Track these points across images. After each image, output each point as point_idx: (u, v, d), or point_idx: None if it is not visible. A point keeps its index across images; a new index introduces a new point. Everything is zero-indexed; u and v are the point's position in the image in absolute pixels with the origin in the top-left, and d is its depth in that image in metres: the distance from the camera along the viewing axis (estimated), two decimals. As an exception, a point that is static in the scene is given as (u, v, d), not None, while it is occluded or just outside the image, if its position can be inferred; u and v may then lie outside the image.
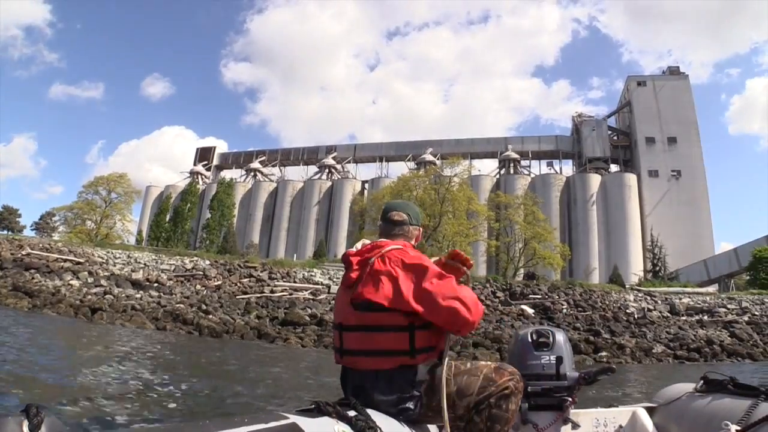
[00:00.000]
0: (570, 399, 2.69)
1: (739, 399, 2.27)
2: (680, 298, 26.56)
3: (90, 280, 24.16)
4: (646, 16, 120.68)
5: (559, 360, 2.75)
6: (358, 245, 2.19)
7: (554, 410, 2.70)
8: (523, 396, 2.46)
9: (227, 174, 68.70)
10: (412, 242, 2.27)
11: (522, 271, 36.84)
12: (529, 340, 2.83)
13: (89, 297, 21.26)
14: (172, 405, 6.02)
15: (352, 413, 1.63)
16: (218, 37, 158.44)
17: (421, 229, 2.39)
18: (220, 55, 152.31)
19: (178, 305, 21.24)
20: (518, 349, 2.87)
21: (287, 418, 1.39)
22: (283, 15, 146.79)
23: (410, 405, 1.94)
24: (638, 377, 13.11)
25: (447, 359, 2.01)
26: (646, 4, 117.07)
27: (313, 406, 1.61)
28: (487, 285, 27.71)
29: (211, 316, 19.80)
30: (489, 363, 2.08)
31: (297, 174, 67.92)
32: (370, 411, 1.74)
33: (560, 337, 2.86)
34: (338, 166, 65.75)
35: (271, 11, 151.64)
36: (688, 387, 2.70)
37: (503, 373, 2.00)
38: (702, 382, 2.61)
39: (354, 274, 2.05)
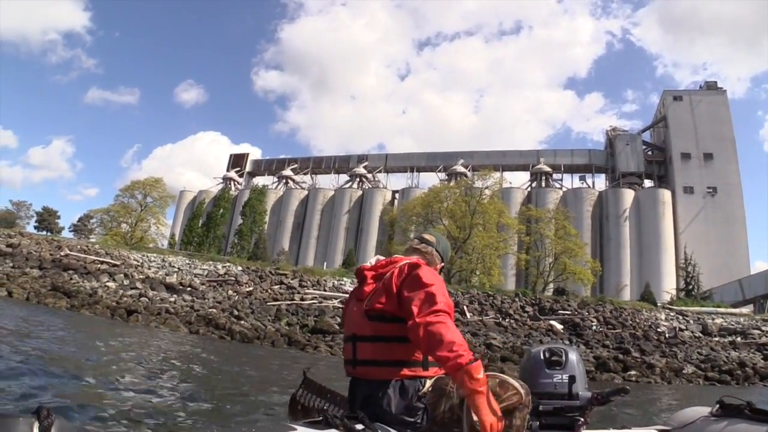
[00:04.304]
0: (582, 419, 2.62)
1: (755, 425, 2.22)
2: (713, 319, 26.08)
3: (126, 282, 24.78)
4: (681, 29, 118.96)
5: (572, 379, 2.70)
6: (373, 261, 2.23)
7: (565, 430, 2.63)
8: (534, 414, 2.51)
9: (259, 181, 69.72)
10: (431, 268, 2.21)
11: (552, 285, 36.55)
12: (542, 357, 2.79)
13: (125, 299, 21.87)
14: (189, 409, 6.10)
15: (359, 426, 1.65)
16: (250, 45, 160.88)
17: (443, 264, 2.42)
18: (251, 63, 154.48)
19: (210, 310, 21.67)
20: (530, 367, 2.83)
21: (295, 429, 1.43)
22: (315, 24, 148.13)
23: (417, 416, 1.93)
24: (665, 399, 12.98)
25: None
26: (680, 16, 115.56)
27: (320, 418, 1.65)
28: (516, 299, 27.62)
29: (242, 322, 20.15)
30: (495, 376, 2.03)
31: (328, 182, 68.57)
32: (377, 424, 1.75)
33: (573, 356, 2.81)
34: (369, 176, 65.97)
35: (303, 20, 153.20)
36: (704, 411, 2.61)
37: (508, 387, 1.97)
38: (718, 406, 2.53)
39: (368, 288, 2.08)
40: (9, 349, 7.84)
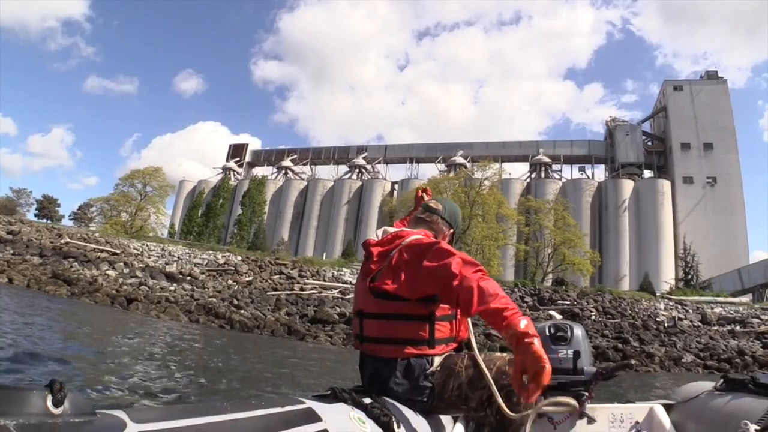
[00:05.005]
0: (587, 394, 2.62)
1: (759, 398, 2.20)
2: (712, 308, 26.11)
3: (126, 270, 24.77)
4: (681, 18, 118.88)
5: (577, 354, 2.70)
6: (379, 233, 2.15)
7: None
8: None
9: (259, 171, 69.67)
10: (439, 238, 2.15)
11: (551, 276, 36.61)
12: (547, 333, 2.78)
13: (125, 287, 21.81)
14: (195, 388, 6.27)
15: (367, 400, 1.64)
16: (249, 34, 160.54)
17: (452, 231, 2.31)
18: (250, 53, 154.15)
19: (210, 299, 21.66)
20: None
21: (303, 402, 1.42)
22: (315, 14, 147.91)
23: (424, 395, 1.92)
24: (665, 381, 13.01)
25: (475, 347, 1.97)
26: (680, 5, 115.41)
27: (329, 392, 1.63)
28: (516, 290, 27.67)
29: (242, 311, 20.16)
30: (504, 355, 1.98)
31: (327, 173, 68.47)
32: (385, 399, 1.76)
33: (578, 331, 2.81)
34: (368, 167, 65.96)
35: (302, 10, 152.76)
36: (707, 385, 2.63)
37: None
38: (722, 380, 2.55)
39: (374, 266, 2.01)
40: (13, 333, 7.87)
